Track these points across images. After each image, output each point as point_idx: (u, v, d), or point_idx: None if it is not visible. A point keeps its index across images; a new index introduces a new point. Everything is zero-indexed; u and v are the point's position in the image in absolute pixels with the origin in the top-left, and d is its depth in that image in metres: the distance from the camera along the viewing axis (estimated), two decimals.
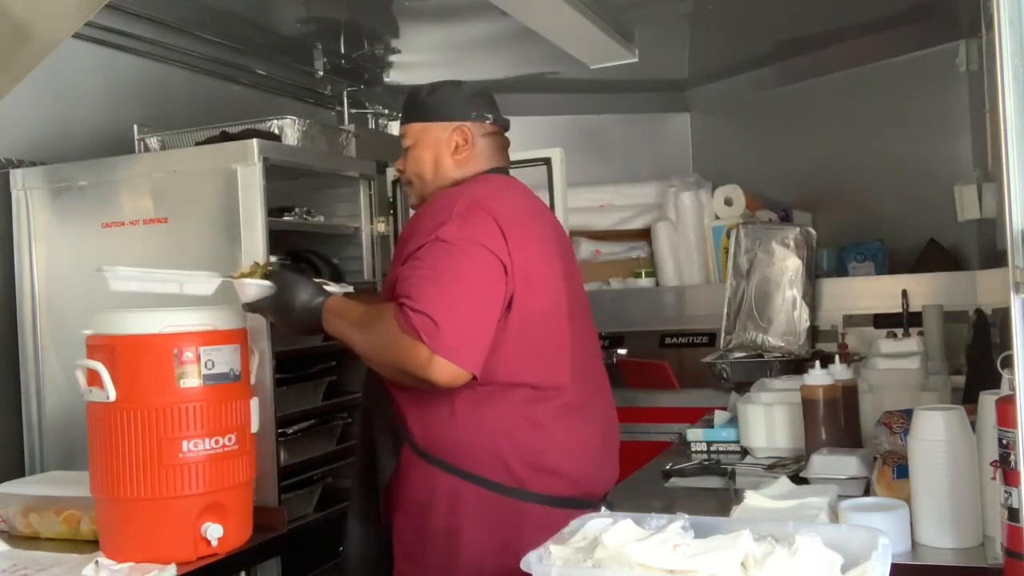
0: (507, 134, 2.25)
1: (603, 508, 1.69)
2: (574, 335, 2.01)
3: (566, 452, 1.94)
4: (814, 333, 3.87)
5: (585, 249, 4.47)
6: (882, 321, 3.83)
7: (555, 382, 1.95)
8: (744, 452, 2.45)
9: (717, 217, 4.28)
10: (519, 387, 1.89)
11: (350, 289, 2.20)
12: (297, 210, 2.78)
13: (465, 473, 1.88)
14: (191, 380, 1.93)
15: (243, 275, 2.10)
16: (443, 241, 1.84)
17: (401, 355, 1.78)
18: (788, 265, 3.90)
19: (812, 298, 3.88)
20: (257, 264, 2.17)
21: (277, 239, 2.56)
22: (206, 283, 2.10)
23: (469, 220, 1.88)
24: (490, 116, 2.15)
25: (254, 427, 2.07)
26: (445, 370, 1.76)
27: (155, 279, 2.07)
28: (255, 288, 2.06)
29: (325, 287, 2.07)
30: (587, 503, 1.87)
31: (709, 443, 2.54)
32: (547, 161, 3.04)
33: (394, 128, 4.79)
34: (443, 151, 2.08)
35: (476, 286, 1.83)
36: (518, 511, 1.88)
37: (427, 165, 2.08)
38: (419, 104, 2.11)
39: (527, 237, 1.94)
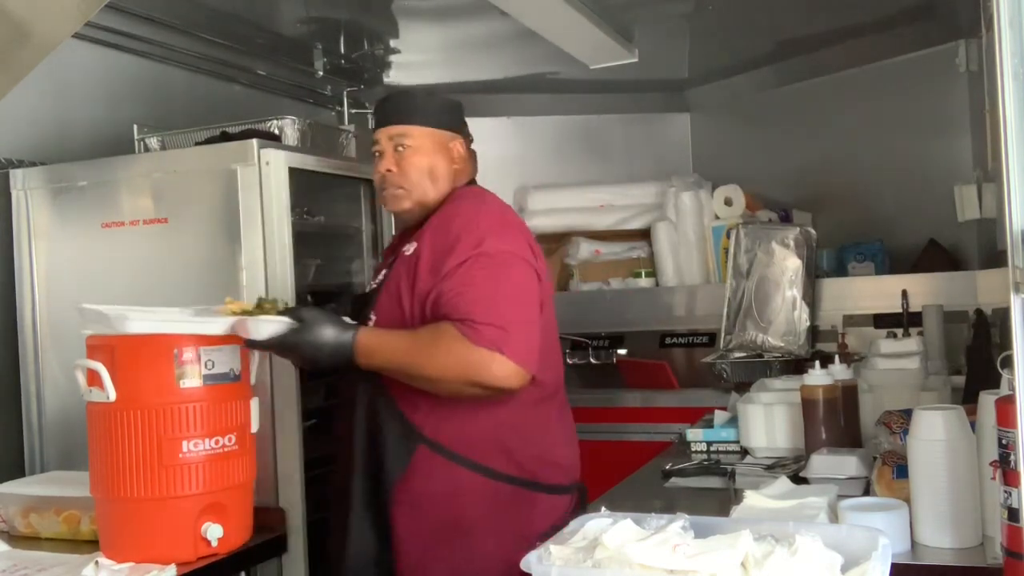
0: (508, 133, 2.30)
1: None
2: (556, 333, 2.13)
3: (565, 444, 2.13)
4: (814, 333, 3.87)
5: (585, 249, 4.47)
6: (882, 321, 3.83)
7: (557, 380, 2.10)
8: (744, 452, 2.45)
9: (717, 217, 4.28)
10: (530, 386, 1.95)
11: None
12: (297, 210, 2.77)
13: (482, 467, 1.96)
14: (191, 380, 1.93)
15: (247, 312, 1.98)
16: (488, 255, 1.93)
17: (477, 369, 1.86)
18: (788, 265, 3.90)
19: (812, 298, 3.88)
20: (266, 300, 2.05)
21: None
22: (218, 323, 1.96)
23: (506, 234, 1.99)
24: (470, 134, 2.21)
25: (254, 427, 2.07)
26: (517, 376, 1.88)
27: (166, 320, 1.95)
28: (273, 326, 1.93)
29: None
30: (577, 487, 2.12)
31: (709, 443, 2.54)
32: None
33: None
34: (443, 160, 2.10)
35: (526, 295, 1.96)
36: (529, 501, 2.00)
37: (425, 172, 2.08)
38: (422, 107, 2.11)
39: (537, 246, 2.07)
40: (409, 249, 2.04)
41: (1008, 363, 1.24)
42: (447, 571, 1.96)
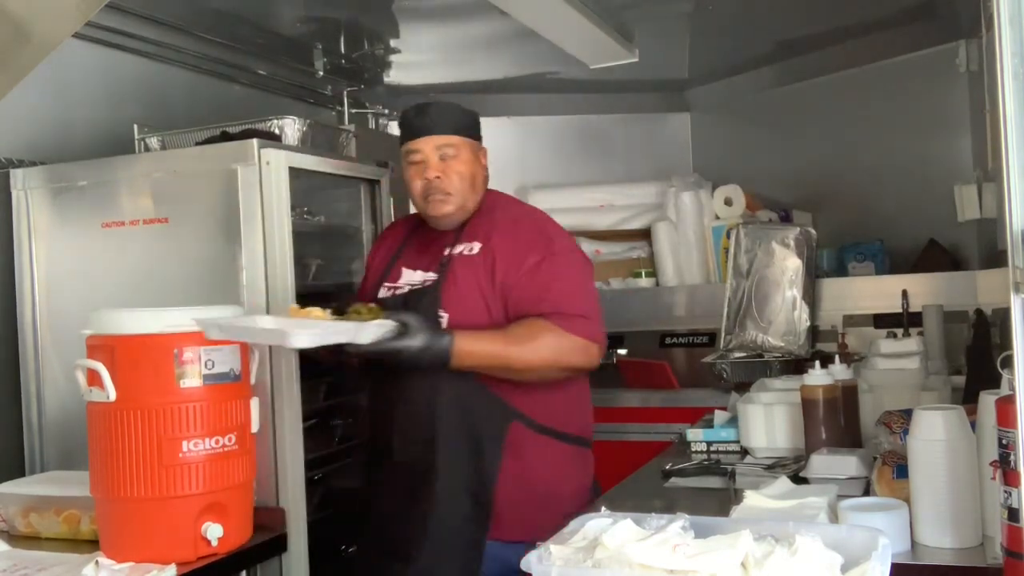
0: (508, 133, 2.41)
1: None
2: None
3: (591, 406, 2.44)
4: (814, 333, 3.87)
5: (585, 249, 4.46)
6: (882, 321, 3.83)
7: None
8: (744, 452, 2.45)
9: (717, 217, 4.29)
10: None
11: None
12: (297, 210, 2.77)
13: (562, 434, 2.26)
14: (191, 380, 1.93)
15: (339, 316, 2.04)
16: (561, 253, 2.23)
17: (577, 356, 2.17)
18: (788, 265, 3.90)
19: (812, 298, 3.88)
20: (364, 305, 2.11)
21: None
22: (368, 329, 1.98)
23: (564, 233, 2.33)
24: None
25: (254, 427, 2.07)
26: (600, 358, 2.23)
27: (324, 333, 1.94)
28: (378, 329, 1.99)
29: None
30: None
31: (709, 443, 2.54)
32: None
33: (395, 128, 4.79)
34: (479, 169, 2.31)
35: (591, 285, 2.31)
36: (584, 456, 2.36)
37: (468, 179, 2.26)
38: (465, 120, 2.30)
39: None
40: (472, 249, 2.23)
41: (1008, 363, 1.24)
42: (537, 526, 2.01)
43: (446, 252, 2.25)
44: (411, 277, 2.31)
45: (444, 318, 2.17)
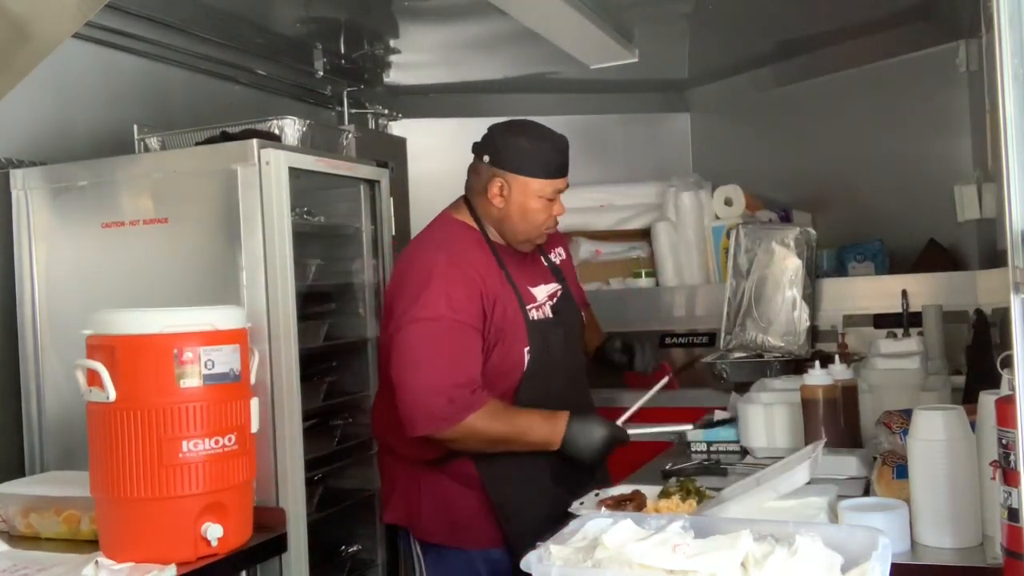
0: None
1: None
2: None
3: None
4: (814, 333, 3.87)
5: (585, 249, 4.46)
6: (882, 321, 3.82)
7: None
8: (744, 452, 2.45)
9: (717, 217, 4.28)
10: None
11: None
12: (297, 210, 2.78)
13: None
14: (191, 380, 1.93)
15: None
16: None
17: None
18: (788, 265, 3.90)
19: (812, 298, 3.87)
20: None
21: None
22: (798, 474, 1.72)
23: None
24: None
25: (254, 427, 2.07)
26: None
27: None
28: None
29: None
30: None
31: (709, 443, 2.54)
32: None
33: (394, 128, 4.80)
34: None
35: None
36: None
37: None
38: None
39: None
40: (560, 255, 2.57)
41: (1008, 363, 1.24)
42: None
43: (544, 263, 2.50)
44: (540, 292, 2.40)
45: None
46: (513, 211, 2.30)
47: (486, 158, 2.31)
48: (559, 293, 2.45)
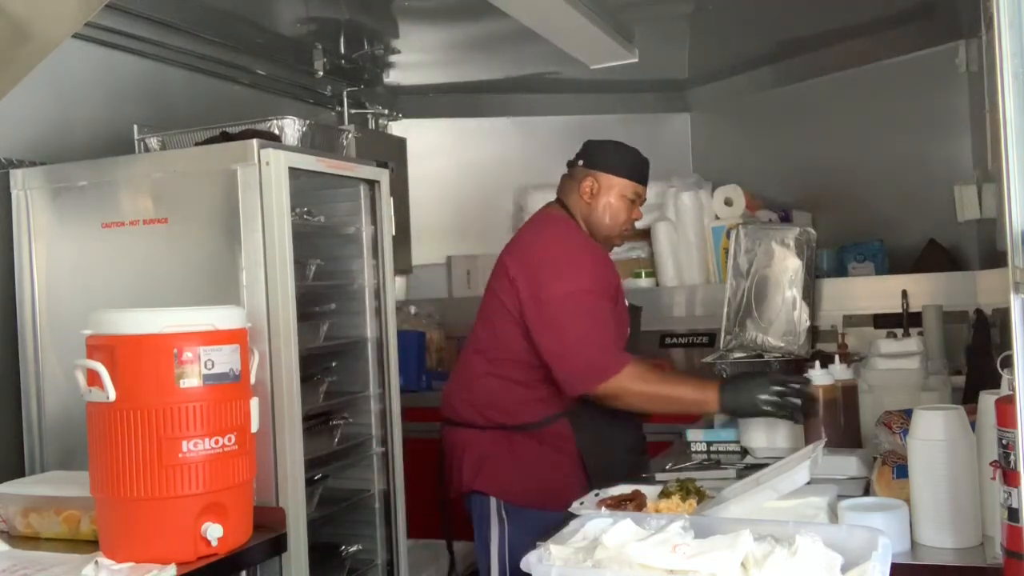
0: (509, 133, 2.54)
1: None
2: None
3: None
4: (814, 333, 3.87)
5: None
6: (882, 321, 3.83)
7: None
8: (744, 452, 2.45)
9: (717, 217, 4.28)
10: None
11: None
12: (297, 210, 2.77)
13: None
14: (191, 380, 1.93)
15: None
16: None
17: None
18: (788, 265, 3.90)
19: (812, 298, 3.87)
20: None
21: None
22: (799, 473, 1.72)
23: None
24: None
25: (254, 427, 2.07)
26: None
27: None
28: None
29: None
30: None
31: (709, 443, 2.54)
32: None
33: (394, 128, 4.80)
34: None
35: None
36: None
37: None
38: None
39: None
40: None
41: (1008, 363, 1.24)
42: None
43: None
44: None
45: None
46: (599, 206, 2.65)
47: (580, 162, 2.71)
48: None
